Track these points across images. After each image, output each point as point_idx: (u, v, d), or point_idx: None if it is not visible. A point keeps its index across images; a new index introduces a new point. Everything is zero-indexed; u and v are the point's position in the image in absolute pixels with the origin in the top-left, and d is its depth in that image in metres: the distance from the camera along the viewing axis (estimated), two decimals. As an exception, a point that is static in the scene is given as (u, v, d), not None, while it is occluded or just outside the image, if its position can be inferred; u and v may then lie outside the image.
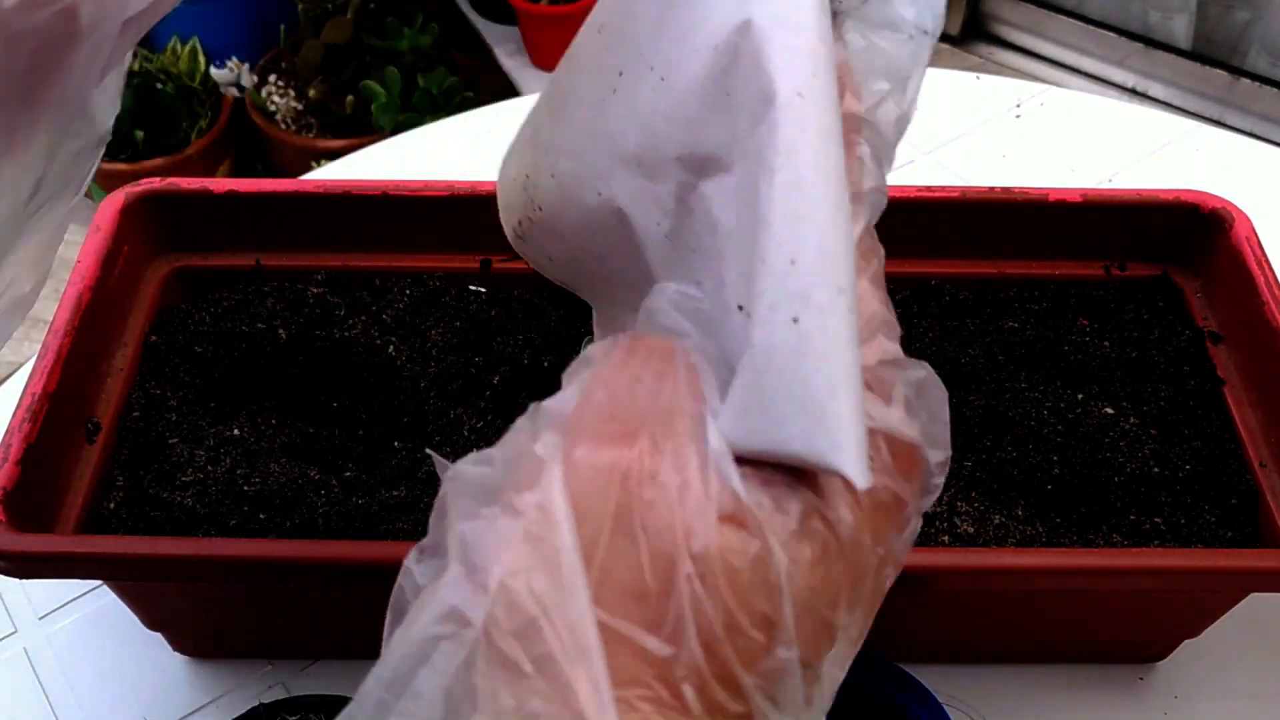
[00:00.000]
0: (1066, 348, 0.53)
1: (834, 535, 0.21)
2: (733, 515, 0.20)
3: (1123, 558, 0.43)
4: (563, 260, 0.31)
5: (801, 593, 0.21)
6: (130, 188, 0.54)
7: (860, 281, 0.23)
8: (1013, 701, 0.51)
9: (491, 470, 0.22)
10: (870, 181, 0.25)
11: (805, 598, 0.21)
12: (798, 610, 0.21)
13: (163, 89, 1.62)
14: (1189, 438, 0.50)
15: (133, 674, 0.52)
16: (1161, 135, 0.80)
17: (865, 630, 0.23)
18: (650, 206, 0.25)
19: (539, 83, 1.62)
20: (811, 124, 0.22)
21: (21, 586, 0.56)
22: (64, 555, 0.43)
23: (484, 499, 0.22)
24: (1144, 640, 0.51)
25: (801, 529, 0.21)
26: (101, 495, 0.47)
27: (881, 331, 0.24)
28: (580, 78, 0.28)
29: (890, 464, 0.22)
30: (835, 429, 0.20)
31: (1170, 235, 0.55)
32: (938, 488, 0.24)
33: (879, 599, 0.23)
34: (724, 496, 0.21)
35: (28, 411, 0.45)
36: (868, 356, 0.23)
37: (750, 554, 0.20)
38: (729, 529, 0.20)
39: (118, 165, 1.59)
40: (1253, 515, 0.47)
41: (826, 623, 0.21)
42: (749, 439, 0.21)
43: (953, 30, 2.04)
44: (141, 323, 0.53)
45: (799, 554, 0.21)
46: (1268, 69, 1.74)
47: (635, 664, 0.20)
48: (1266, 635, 0.53)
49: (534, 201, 0.30)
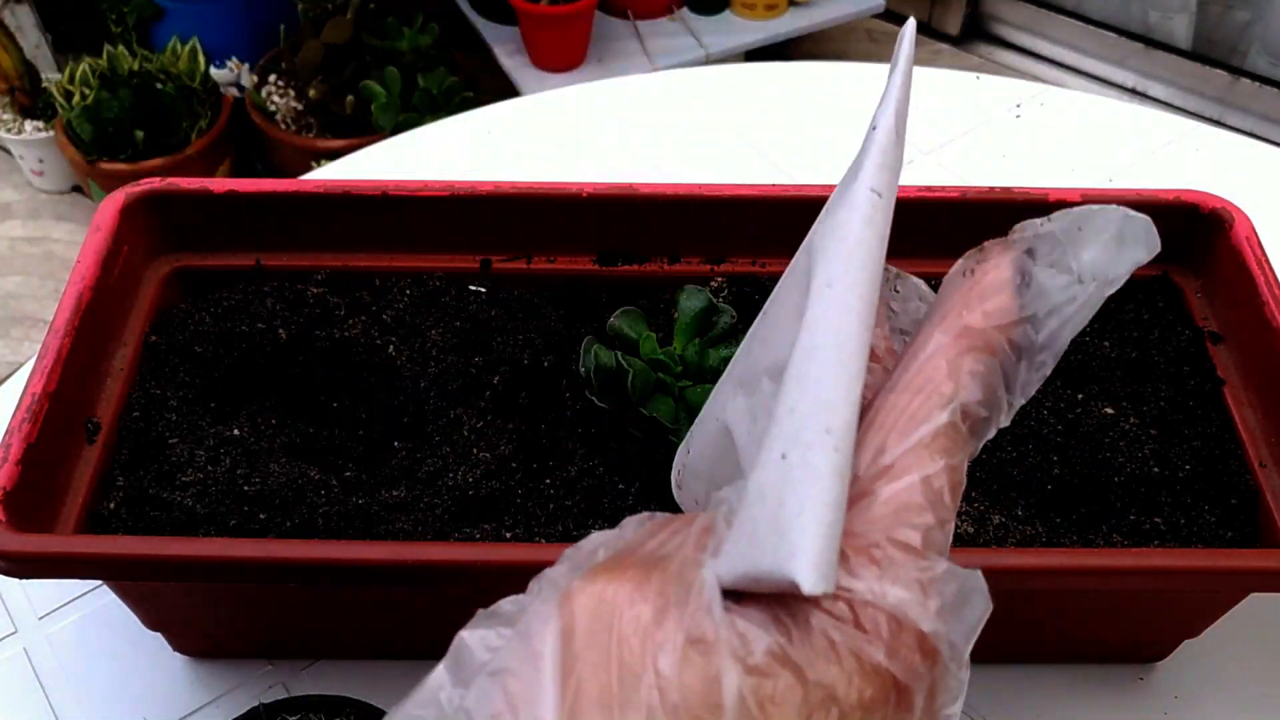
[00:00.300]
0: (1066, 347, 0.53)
1: (798, 680, 0.22)
2: (699, 639, 0.21)
3: (1123, 558, 0.43)
4: (702, 497, 0.33)
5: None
6: (130, 188, 0.54)
7: (912, 474, 0.24)
8: (1013, 701, 0.51)
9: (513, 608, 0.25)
10: (970, 395, 0.25)
11: None
12: None
13: (163, 89, 1.62)
14: (1189, 438, 0.50)
15: (133, 674, 0.52)
16: (1161, 135, 0.80)
17: None
18: (744, 416, 0.28)
19: (539, 83, 1.63)
20: (836, 304, 0.24)
21: (21, 586, 0.56)
22: (64, 555, 0.43)
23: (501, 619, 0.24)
24: (1144, 640, 0.51)
25: (763, 662, 0.21)
26: (101, 495, 0.47)
27: (910, 517, 0.24)
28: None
29: (887, 639, 0.22)
30: (795, 540, 0.22)
31: (1170, 235, 0.55)
32: (951, 692, 0.24)
33: None
34: (695, 620, 0.22)
35: (28, 411, 0.45)
36: (885, 530, 0.23)
37: (705, 674, 0.21)
38: (693, 650, 0.21)
39: (118, 165, 1.59)
40: (1253, 515, 0.47)
41: None
42: (735, 567, 0.22)
43: (953, 30, 2.04)
44: (141, 323, 0.53)
45: (759, 686, 0.21)
46: (1268, 69, 1.74)
47: None
48: (1266, 635, 0.53)
49: (687, 447, 0.34)
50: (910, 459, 0.24)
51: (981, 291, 0.26)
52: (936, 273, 0.56)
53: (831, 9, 1.80)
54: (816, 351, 0.24)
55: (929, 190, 0.55)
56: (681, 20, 1.74)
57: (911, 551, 0.23)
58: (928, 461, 0.24)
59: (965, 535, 0.46)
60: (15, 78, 1.73)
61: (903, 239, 0.55)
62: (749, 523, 0.23)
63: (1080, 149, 0.79)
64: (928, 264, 0.56)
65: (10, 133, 1.74)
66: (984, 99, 0.83)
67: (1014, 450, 0.49)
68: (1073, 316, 0.27)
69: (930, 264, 0.56)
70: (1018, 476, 0.48)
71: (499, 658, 0.23)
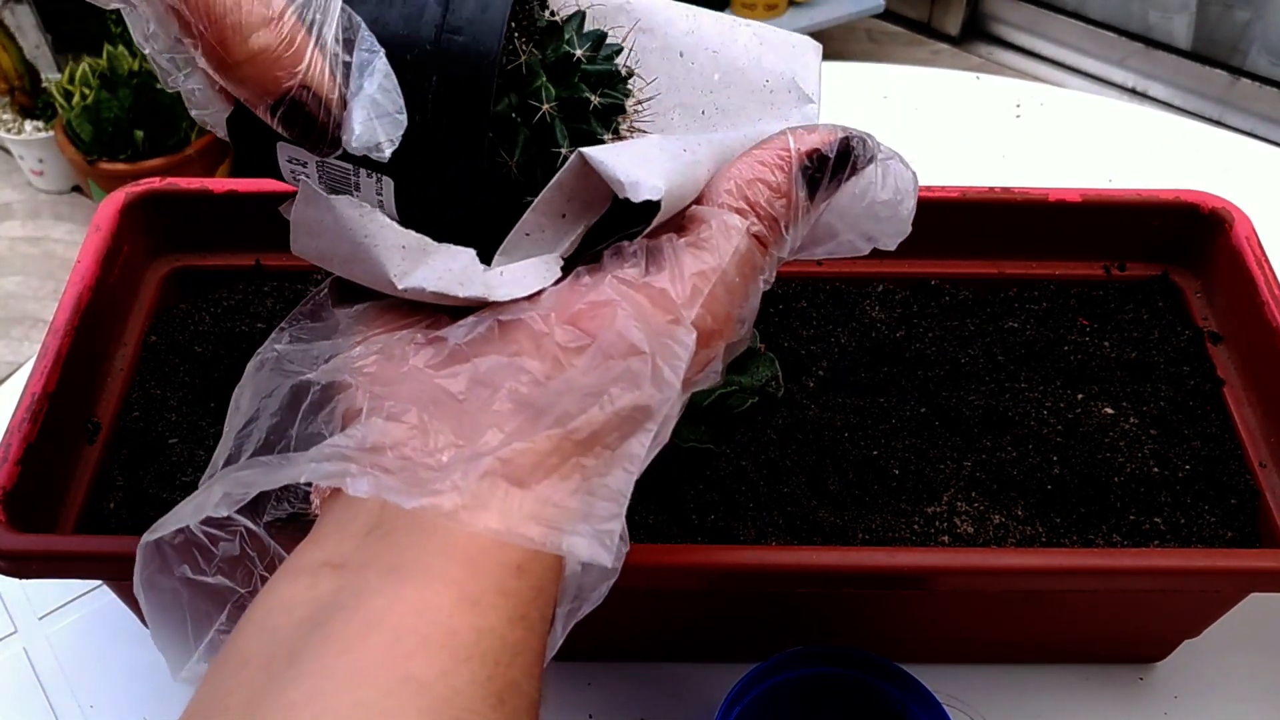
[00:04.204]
0: (1066, 348, 0.53)
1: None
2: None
3: (1123, 558, 0.43)
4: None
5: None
6: (130, 188, 0.54)
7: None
8: (1013, 701, 0.51)
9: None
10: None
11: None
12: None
13: (162, 89, 1.62)
14: (1189, 438, 0.50)
15: (133, 674, 0.52)
16: (1161, 135, 0.80)
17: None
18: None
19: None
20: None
21: (21, 586, 0.56)
22: (64, 555, 0.43)
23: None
24: (1144, 640, 0.51)
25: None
26: (101, 495, 0.47)
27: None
28: None
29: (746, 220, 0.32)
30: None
31: (1170, 235, 0.55)
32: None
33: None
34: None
35: (28, 411, 0.45)
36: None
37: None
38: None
39: (117, 165, 1.59)
40: (1253, 515, 0.47)
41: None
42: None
43: (953, 30, 2.04)
44: (141, 323, 0.53)
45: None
46: (1268, 69, 1.74)
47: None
48: (1266, 635, 0.53)
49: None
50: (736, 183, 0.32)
51: (808, 132, 0.32)
52: (937, 273, 0.56)
53: (831, 9, 1.80)
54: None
55: (929, 190, 0.55)
56: (681, 20, 1.74)
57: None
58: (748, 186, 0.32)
59: (965, 535, 0.46)
60: (15, 78, 1.73)
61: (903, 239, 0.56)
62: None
63: (1080, 149, 0.79)
64: (928, 264, 0.56)
65: (10, 133, 1.75)
66: (984, 99, 0.83)
67: (1014, 450, 0.49)
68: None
69: (930, 264, 0.56)
70: (1018, 476, 0.48)
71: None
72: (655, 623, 0.50)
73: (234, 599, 0.31)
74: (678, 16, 0.38)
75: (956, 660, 0.52)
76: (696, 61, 0.38)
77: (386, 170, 0.30)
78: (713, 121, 0.38)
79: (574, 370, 0.29)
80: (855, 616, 0.49)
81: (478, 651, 0.26)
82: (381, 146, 0.28)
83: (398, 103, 0.29)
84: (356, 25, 0.28)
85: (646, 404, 0.29)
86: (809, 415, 0.50)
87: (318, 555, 0.28)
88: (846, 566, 0.42)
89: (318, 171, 0.31)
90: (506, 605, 0.27)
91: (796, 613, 0.48)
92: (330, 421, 0.30)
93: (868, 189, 0.32)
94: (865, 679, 0.44)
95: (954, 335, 0.54)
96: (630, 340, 0.29)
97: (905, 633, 0.50)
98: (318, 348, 0.32)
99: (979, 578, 0.43)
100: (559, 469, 0.28)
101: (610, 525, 0.28)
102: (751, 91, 0.38)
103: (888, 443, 0.49)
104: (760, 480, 0.47)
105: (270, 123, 0.29)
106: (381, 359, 0.30)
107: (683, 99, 0.38)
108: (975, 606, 0.48)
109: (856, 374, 0.52)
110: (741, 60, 0.38)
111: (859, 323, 0.54)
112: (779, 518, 0.46)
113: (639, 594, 0.41)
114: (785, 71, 0.38)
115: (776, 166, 0.31)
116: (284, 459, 0.29)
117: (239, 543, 0.31)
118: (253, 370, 0.32)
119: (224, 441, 0.32)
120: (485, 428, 0.28)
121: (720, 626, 0.50)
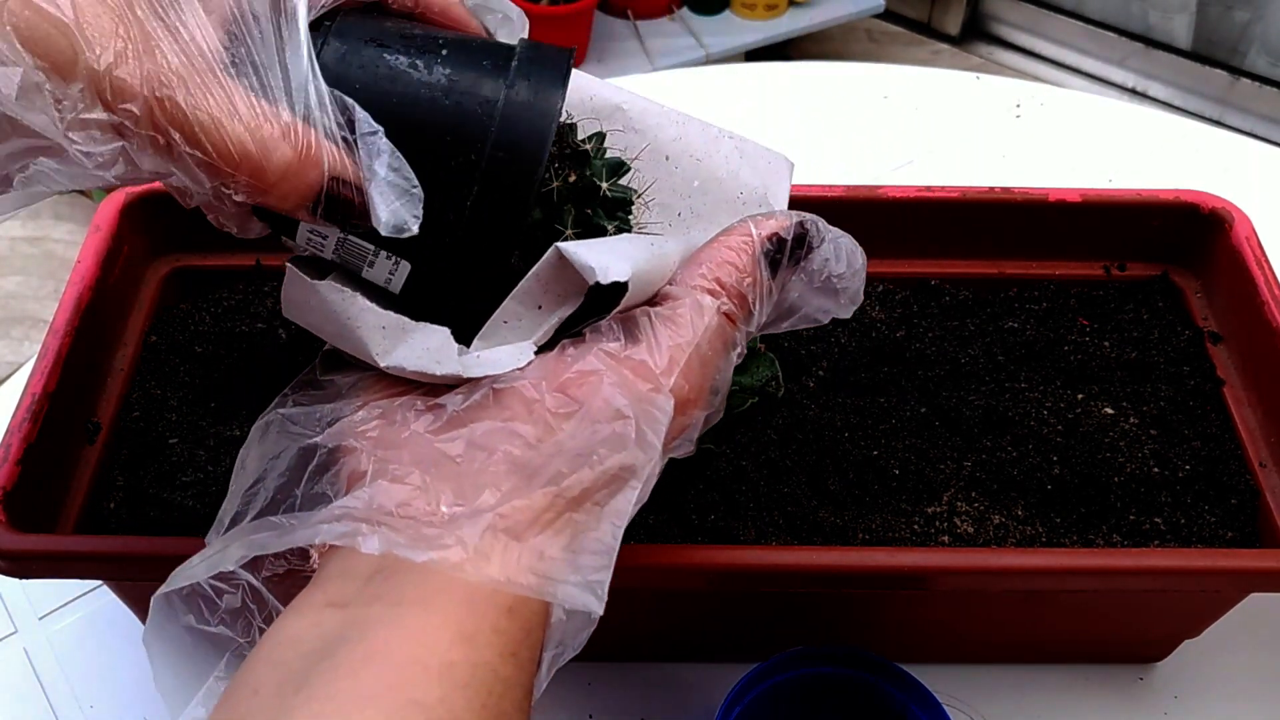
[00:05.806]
0: (1066, 348, 0.53)
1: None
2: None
3: (1123, 558, 0.43)
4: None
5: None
6: (130, 187, 0.54)
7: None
8: (1013, 701, 0.51)
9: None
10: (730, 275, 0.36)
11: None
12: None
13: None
14: (1189, 438, 0.50)
15: (133, 674, 0.52)
16: (1161, 135, 0.80)
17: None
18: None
19: (539, 83, 1.62)
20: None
21: (21, 586, 0.56)
22: (64, 555, 0.43)
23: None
24: (1144, 640, 0.51)
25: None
26: (101, 495, 0.47)
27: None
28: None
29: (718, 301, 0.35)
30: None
31: (1170, 235, 0.55)
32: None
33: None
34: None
35: (28, 411, 0.45)
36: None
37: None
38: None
39: (118, 165, 1.59)
40: (1253, 515, 0.47)
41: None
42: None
43: (953, 30, 2.04)
44: (141, 323, 0.53)
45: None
46: (1268, 69, 1.74)
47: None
48: (1266, 635, 0.53)
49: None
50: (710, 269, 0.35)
51: (766, 219, 0.36)
52: (937, 273, 0.56)
53: (831, 9, 1.80)
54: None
55: (929, 190, 0.55)
56: (681, 20, 1.74)
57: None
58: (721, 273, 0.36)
59: (965, 535, 0.46)
60: (15, 78, 1.73)
61: (904, 238, 0.56)
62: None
63: (1080, 149, 0.79)
64: (928, 264, 0.56)
65: (10, 133, 1.74)
66: (984, 99, 0.83)
67: (1014, 450, 0.49)
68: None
69: (930, 264, 0.56)
70: (1018, 476, 0.48)
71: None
72: (655, 623, 0.50)
73: (233, 648, 0.33)
74: (667, 123, 0.41)
75: (956, 660, 0.52)
76: (680, 166, 0.41)
77: (407, 255, 0.33)
78: (686, 224, 0.42)
79: (564, 434, 0.31)
80: (855, 616, 0.49)
81: (473, 682, 0.28)
82: (409, 224, 0.30)
83: (411, 178, 0.31)
84: (351, 107, 0.30)
85: (632, 464, 0.31)
86: (809, 415, 0.50)
87: (322, 598, 0.30)
88: (847, 566, 0.42)
89: (336, 244, 0.33)
90: (499, 642, 0.29)
91: (796, 613, 0.48)
92: (335, 483, 0.32)
93: (825, 265, 0.36)
94: (865, 679, 0.44)
95: (954, 335, 0.54)
96: (615, 406, 0.31)
97: (905, 633, 0.50)
98: (321, 410, 0.34)
99: (979, 578, 0.43)
100: (553, 524, 0.31)
101: (600, 576, 0.31)
102: (726, 201, 0.42)
103: (888, 443, 0.49)
104: (760, 480, 0.47)
105: (312, 222, 0.31)
106: (384, 424, 0.33)
107: (662, 199, 0.41)
108: (975, 606, 0.48)
109: (856, 374, 0.52)
110: (721, 171, 0.42)
111: (859, 323, 0.54)
112: (779, 518, 0.46)
113: (639, 594, 0.41)
114: (759, 187, 0.42)
115: (741, 250, 0.35)
116: (295, 519, 0.31)
117: (241, 595, 0.32)
118: (258, 432, 0.34)
119: (230, 499, 0.34)
120: (483, 488, 0.31)
121: (720, 626, 0.50)
